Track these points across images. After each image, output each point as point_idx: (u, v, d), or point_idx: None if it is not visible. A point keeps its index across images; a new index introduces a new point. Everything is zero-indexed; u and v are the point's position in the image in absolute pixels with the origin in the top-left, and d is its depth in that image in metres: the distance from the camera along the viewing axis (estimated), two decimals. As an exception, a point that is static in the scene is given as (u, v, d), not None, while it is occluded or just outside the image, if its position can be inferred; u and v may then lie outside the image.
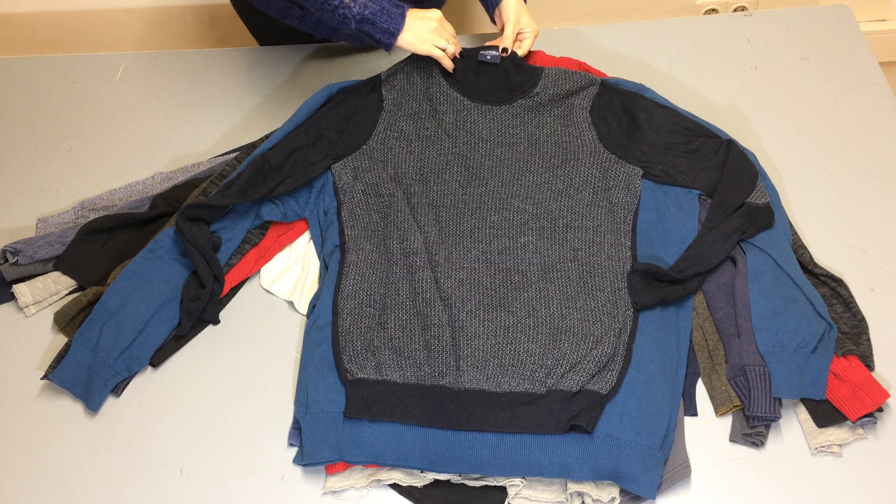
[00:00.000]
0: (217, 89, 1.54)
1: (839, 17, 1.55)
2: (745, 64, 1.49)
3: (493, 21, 1.42)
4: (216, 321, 1.21)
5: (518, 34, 1.38)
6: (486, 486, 1.05)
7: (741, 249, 1.18)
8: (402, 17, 1.25)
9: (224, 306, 1.24)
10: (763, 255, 1.16)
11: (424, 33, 1.28)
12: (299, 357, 1.18)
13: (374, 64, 1.53)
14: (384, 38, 1.26)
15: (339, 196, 1.27)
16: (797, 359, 1.07)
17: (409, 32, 1.26)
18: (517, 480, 1.04)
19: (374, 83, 1.36)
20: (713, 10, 1.99)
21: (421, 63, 1.36)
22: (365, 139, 1.32)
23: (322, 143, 1.31)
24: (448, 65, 1.32)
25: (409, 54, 1.35)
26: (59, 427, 1.14)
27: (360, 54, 1.56)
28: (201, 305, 1.19)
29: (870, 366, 1.10)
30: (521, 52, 1.36)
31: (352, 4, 1.23)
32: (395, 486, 1.06)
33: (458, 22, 2.01)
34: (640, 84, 1.37)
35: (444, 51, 1.30)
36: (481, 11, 1.69)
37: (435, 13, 1.29)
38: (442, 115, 1.33)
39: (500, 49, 1.35)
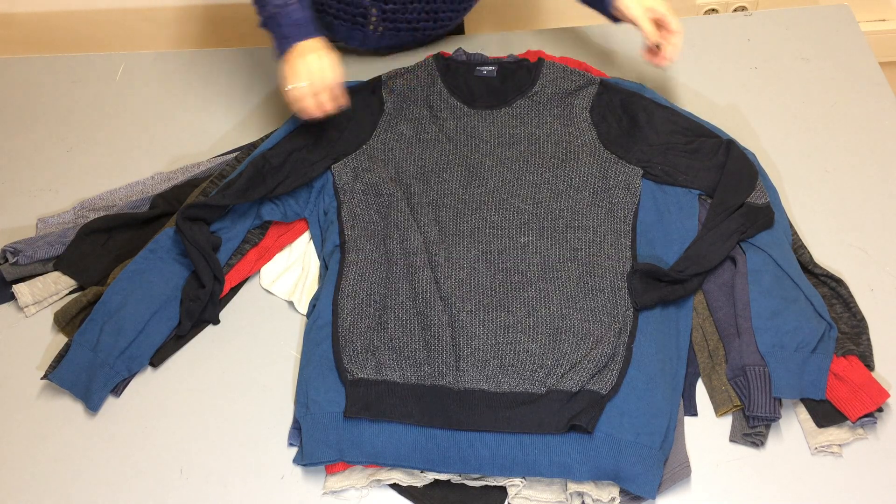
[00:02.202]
0: (217, 89, 1.54)
1: (839, 17, 1.55)
2: (745, 64, 1.49)
3: (613, 18, 1.31)
4: (216, 321, 1.21)
5: (660, 27, 1.27)
6: (486, 486, 1.05)
7: (741, 249, 1.18)
8: (290, 46, 1.21)
9: (224, 306, 1.24)
10: (763, 255, 1.16)
11: (291, 69, 1.21)
12: (299, 357, 1.18)
13: (374, 65, 1.53)
14: (276, 49, 1.23)
15: (339, 196, 1.27)
16: (797, 359, 1.07)
17: (287, 64, 1.22)
18: (517, 480, 1.04)
19: (375, 85, 1.36)
20: (713, 10, 1.99)
21: (421, 70, 1.36)
22: (365, 139, 1.32)
23: (322, 143, 1.31)
24: (300, 109, 1.23)
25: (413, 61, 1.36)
26: (59, 427, 1.14)
27: (360, 55, 1.56)
28: (201, 305, 1.19)
29: (870, 366, 1.10)
30: (673, 53, 1.26)
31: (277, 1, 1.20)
32: (395, 486, 1.06)
33: (519, 17, 1.95)
34: (640, 84, 1.38)
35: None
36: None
37: (314, 51, 1.20)
38: (442, 122, 1.33)
39: (649, 47, 1.27)
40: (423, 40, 1.52)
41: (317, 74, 1.20)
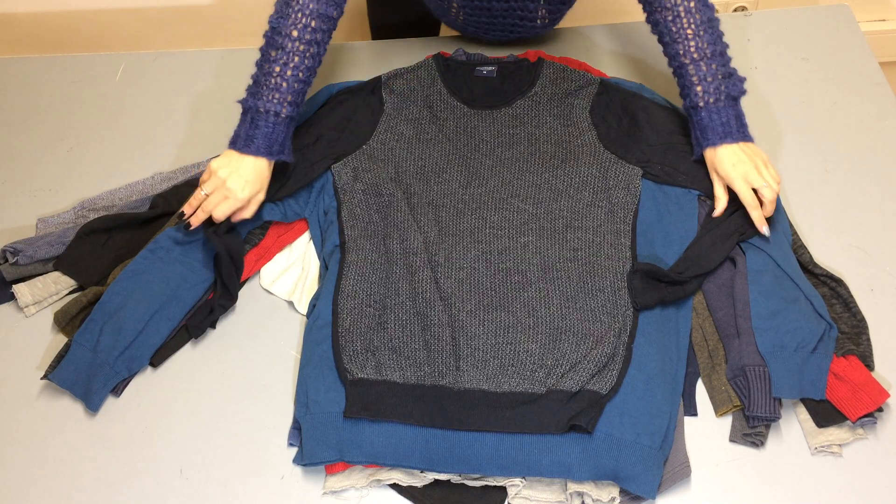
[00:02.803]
0: (217, 89, 1.54)
1: (839, 17, 1.55)
2: (745, 64, 1.49)
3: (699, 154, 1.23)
4: (213, 327, 1.22)
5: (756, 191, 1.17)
6: (486, 486, 1.05)
7: (741, 249, 1.18)
8: (244, 149, 1.19)
9: (224, 306, 1.24)
10: (763, 255, 1.16)
11: (217, 169, 1.19)
12: (299, 357, 1.18)
13: (374, 64, 1.53)
14: (236, 132, 1.21)
15: (339, 196, 1.27)
16: (797, 359, 1.07)
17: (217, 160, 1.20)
18: (517, 480, 1.04)
19: (375, 85, 1.36)
20: (713, 10, 1.98)
21: (421, 70, 1.36)
22: (365, 139, 1.32)
23: (322, 143, 1.31)
24: (187, 205, 1.21)
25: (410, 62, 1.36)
26: (59, 427, 1.14)
27: (360, 55, 1.56)
28: (223, 312, 1.20)
29: (870, 366, 1.10)
30: (766, 212, 1.17)
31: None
32: (395, 486, 1.06)
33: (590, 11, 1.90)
34: (640, 84, 1.38)
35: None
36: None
37: (240, 190, 1.17)
38: (442, 122, 1.33)
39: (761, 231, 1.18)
40: (515, 38, 1.50)
41: (214, 200, 1.17)
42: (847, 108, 1.41)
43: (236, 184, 1.18)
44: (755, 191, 1.17)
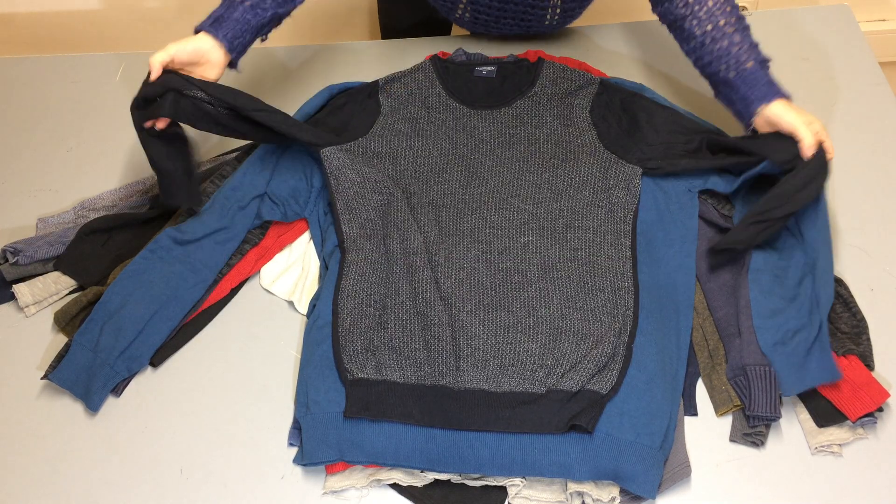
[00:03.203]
0: (217, 89, 1.54)
1: (839, 17, 1.55)
2: (745, 64, 1.49)
3: (753, 131, 1.23)
4: (199, 204, 1.22)
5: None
6: (486, 486, 1.05)
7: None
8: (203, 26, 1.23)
9: (224, 306, 1.24)
10: (764, 255, 1.16)
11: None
12: (299, 357, 1.18)
13: (375, 64, 1.53)
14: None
15: (331, 182, 1.26)
16: (799, 351, 1.07)
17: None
18: (517, 480, 1.04)
19: (372, 89, 1.36)
20: (713, 10, 1.98)
21: (419, 73, 1.36)
22: (361, 136, 1.32)
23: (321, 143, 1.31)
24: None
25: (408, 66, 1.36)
26: (59, 427, 1.14)
27: (360, 55, 1.56)
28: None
29: (870, 365, 1.10)
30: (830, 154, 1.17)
31: None
32: (395, 486, 1.06)
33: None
34: (640, 84, 1.37)
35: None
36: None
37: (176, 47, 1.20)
38: (441, 122, 1.33)
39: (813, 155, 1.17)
40: (521, 35, 1.50)
41: (171, 48, 1.19)
42: (847, 108, 1.41)
43: (182, 46, 1.20)
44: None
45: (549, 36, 1.54)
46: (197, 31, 1.23)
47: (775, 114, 1.18)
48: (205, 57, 1.22)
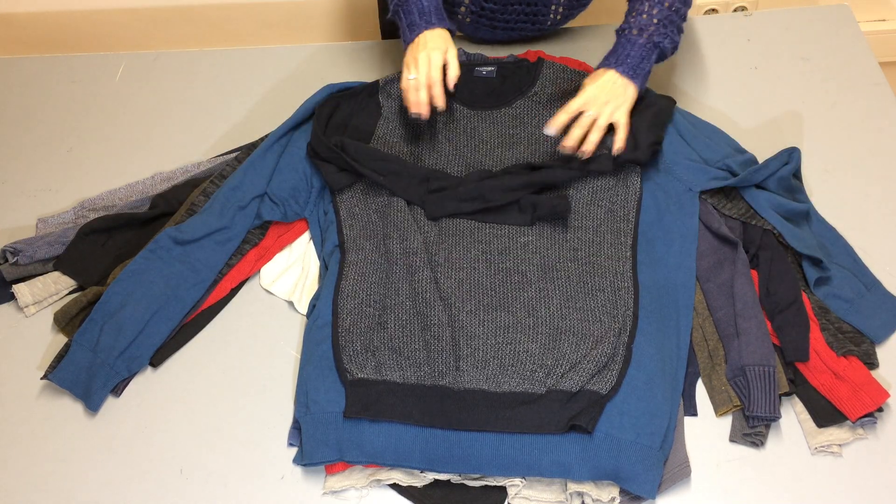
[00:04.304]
0: (217, 89, 1.54)
1: (839, 17, 1.55)
2: (745, 64, 1.49)
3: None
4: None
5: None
6: (486, 486, 1.05)
7: (743, 249, 1.18)
8: (414, 35, 1.24)
9: (224, 306, 1.24)
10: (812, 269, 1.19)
11: (410, 58, 1.24)
12: (299, 357, 1.18)
13: (375, 64, 1.53)
14: (402, 38, 1.27)
15: (336, 194, 1.27)
16: (873, 298, 1.15)
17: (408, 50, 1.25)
18: (517, 480, 1.04)
19: (372, 89, 1.36)
20: (713, 10, 1.98)
21: None
22: (365, 141, 1.32)
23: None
24: (407, 101, 1.24)
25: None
26: (59, 427, 1.14)
27: (360, 55, 1.56)
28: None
29: (874, 364, 1.10)
30: (616, 147, 1.22)
31: None
32: (395, 486, 1.06)
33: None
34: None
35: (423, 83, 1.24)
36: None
37: (433, 46, 1.22)
38: (441, 123, 1.33)
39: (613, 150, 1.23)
40: (521, 39, 1.51)
41: (423, 69, 1.22)
42: (847, 108, 1.41)
43: (430, 43, 1.22)
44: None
45: (549, 36, 1.54)
46: (412, 38, 1.24)
47: (587, 81, 1.24)
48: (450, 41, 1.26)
